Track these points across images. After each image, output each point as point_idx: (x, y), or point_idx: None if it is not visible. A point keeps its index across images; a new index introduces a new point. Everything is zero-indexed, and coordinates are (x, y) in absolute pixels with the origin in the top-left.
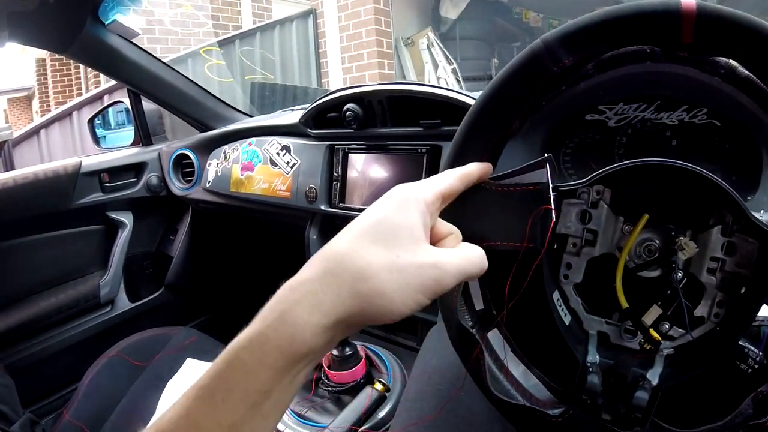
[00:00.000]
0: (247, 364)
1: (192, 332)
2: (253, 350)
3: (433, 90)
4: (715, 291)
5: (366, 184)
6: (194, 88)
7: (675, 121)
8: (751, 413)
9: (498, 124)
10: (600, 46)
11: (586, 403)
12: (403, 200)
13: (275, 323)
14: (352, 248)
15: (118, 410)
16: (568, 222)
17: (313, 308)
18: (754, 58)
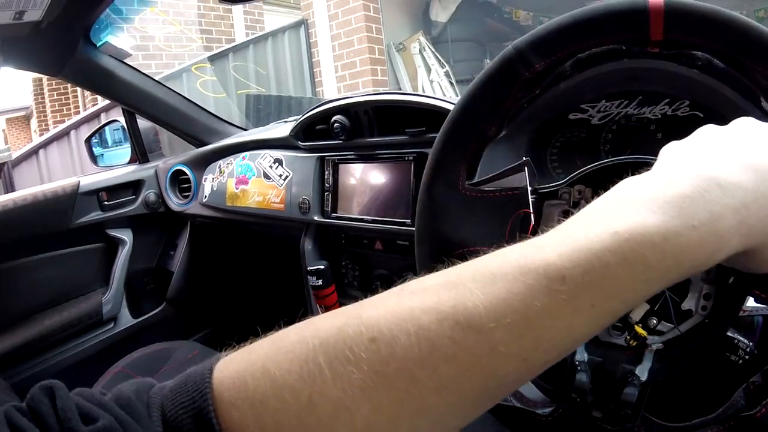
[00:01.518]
0: (650, 266)
1: (195, 346)
2: (660, 250)
3: (417, 98)
4: (701, 284)
5: (357, 194)
6: (188, 105)
7: (658, 115)
8: (743, 404)
9: (474, 132)
10: (571, 48)
11: (576, 401)
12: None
13: (704, 227)
14: None
15: None
16: (551, 222)
17: (741, 227)
18: (724, 50)
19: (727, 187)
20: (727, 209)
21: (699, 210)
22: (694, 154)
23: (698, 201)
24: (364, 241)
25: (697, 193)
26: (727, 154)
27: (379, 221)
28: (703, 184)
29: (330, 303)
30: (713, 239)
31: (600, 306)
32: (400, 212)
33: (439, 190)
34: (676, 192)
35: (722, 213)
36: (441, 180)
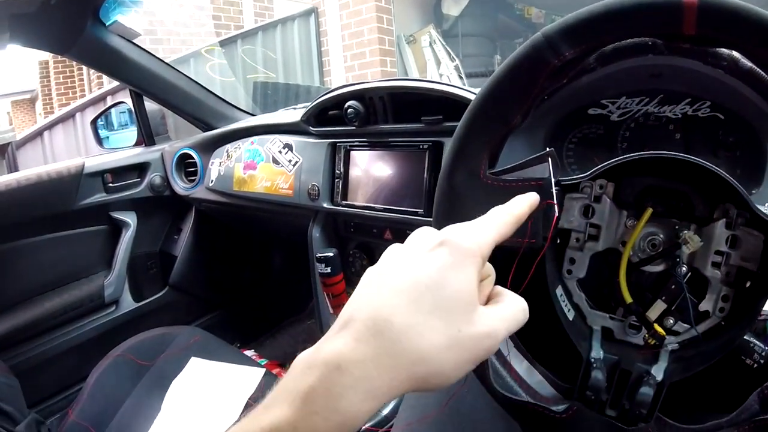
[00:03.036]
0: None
1: (196, 331)
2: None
3: (435, 86)
4: (719, 285)
5: (368, 182)
6: (196, 88)
7: (678, 115)
8: (757, 409)
9: (499, 119)
10: (602, 38)
11: (591, 399)
12: (462, 255)
13: (325, 411)
14: (409, 323)
15: (123, 410)
16: (571, 217)
17: (368, 395)
18: (757, 49)
19: (345, 368)
20: (345, 389)
21: (319, 398)
22: (349, 310)
23: (319, 389)
24: (373, 230)
25: (318, 382)
26: (360, 318)
27: (389, 210)
28: (326, 372)
29: (338, 291)
30: (338, 417)
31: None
32: (412, 202)
33: (460, 177)
34: (305, 385)
35: (341, 393)
36: (462, 167)
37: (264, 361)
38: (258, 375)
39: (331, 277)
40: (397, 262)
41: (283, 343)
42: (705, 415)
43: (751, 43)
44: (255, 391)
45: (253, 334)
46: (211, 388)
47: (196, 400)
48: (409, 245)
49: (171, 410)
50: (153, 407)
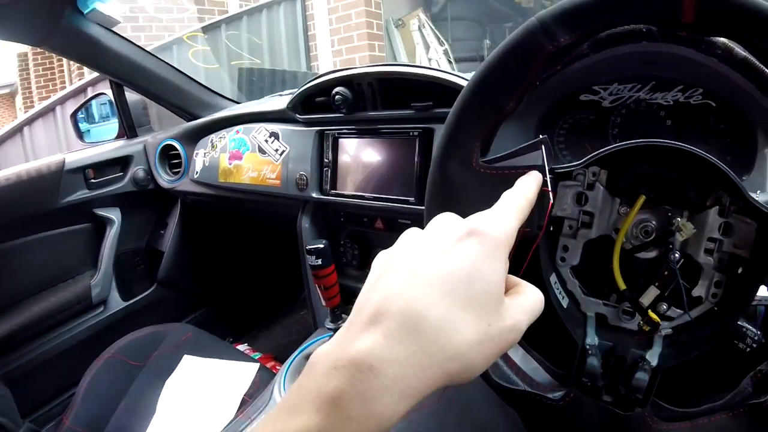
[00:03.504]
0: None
1: (188, 328)
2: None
3: (424, 71)
4: (712, 271)
5: (358, 170)
6: (179, 76)
7: (670, 102)
8: (750, 392)
9: (492, 105)
10: (598, 24)
11: (587, 385)
12: (493, 246)
13: (360, 416)
14: (445, 318)
15: (119, 412)
16: (564, 204)
17: (403, 395)
18: (754, 39)
19: (378, 368)
20: (380, 391)
21: (352, 402)
22: (375, 302)
23: (351, 393)
24: (364, 219)
25: (349, 385)
26: (394, 314)
27: (379, 199)
28: (357, 373)
29: (330, 283)
30: (373, 421)
31: None
32: (403, 190)
33: (452, 165)
34: (333, 387)
35: (376, 395)
36: (455, 155)
37: (258, 355)
38: (252, 370)
39: (322, 269)
40: (423, 251)
41: (277, 335)
42: (700, 399)
43: (748, 33)
44: (250, 386)
45: (245, 327)
46: (205, 386)
47: (192, 399)
48: (433, 232)
49: (166, 410)
50: (148, 408)
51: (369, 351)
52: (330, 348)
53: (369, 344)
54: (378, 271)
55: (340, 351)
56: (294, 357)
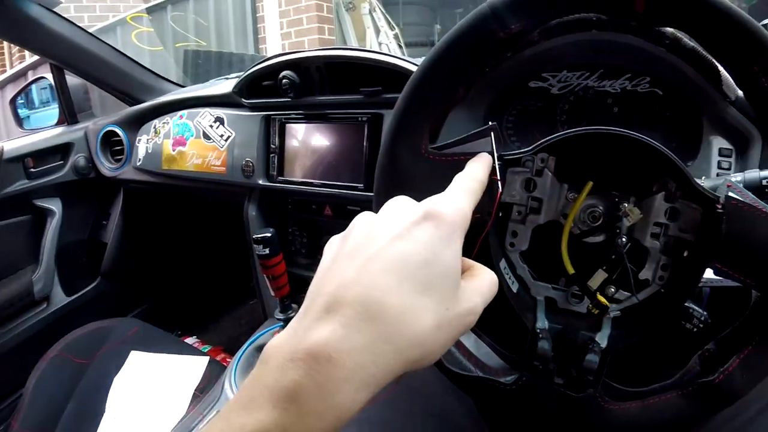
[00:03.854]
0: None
1: (134, 322)
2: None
3: (374, 56)
4: (659, 255)
5: (306, 156)
6: (121, 59)
7: (617, 89)
8: (698, 370)
9: (442, 91)
10: (549, 12)
11: (538, 368)
12: (450, 229)
13: (319, 410)
14: (404, 305)
15: (68, 412)
16: (513, 190)
17: (362, 385)
18: (704, 30)
19: (337, 359)
20: (340, 383)
21: (310, 396)
22: (329, 290)
23: (309, 386)
24: (312, 206)
25: (307, 378)
26: (353, 301)
27: (328, 185)
28: (315, 365)
29: (278, 273)
30: (333, 414)
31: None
32: (352, 176)
33: (400, 152)
34: (289, 381)
35: (335, 387)
36: (403, 142)
37: (207, 347)
38: (202, 364)
39: (269, 259)
40: (378, 235)
41: (226, 326)
42: (650, 379)
43: (699, 24)
44: (200, 381)
45: (194, 319)
46: (155, 382)
47: (142, 396)
48: (388, 216)
49: (116, 409)
50: (97, 408)
51: (327, 341)
52: (284, 339)
53: (326, 334)
54: (330, 257)
55: (295, 342)
56: (244, 349)
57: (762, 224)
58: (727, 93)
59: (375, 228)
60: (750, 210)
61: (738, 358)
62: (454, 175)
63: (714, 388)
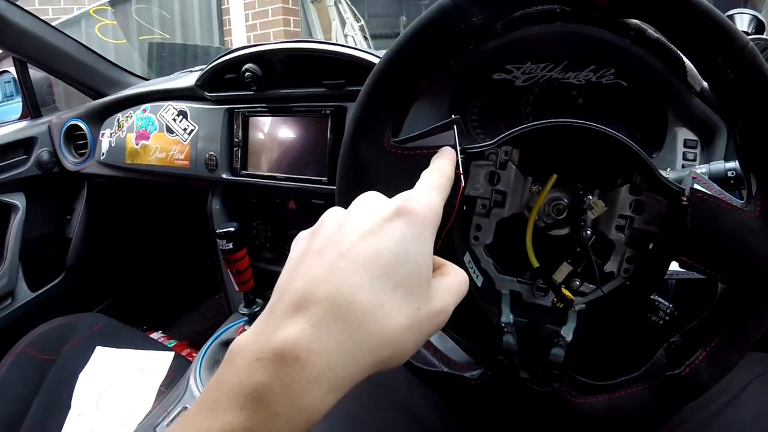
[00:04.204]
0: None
1: (99, 318)
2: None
3: (337, 48)
4: (624, 247)
5: (269, 150)
6: (85, 52)
7: (582, 81)
8: (665, 363)
9: (404, 84)
10: (511, 4)
11: (504, 363)
12: (421, 225)
13: (288, 412)
14: (375, 304)
15: (33, 410)
16: (477, 184)
17: (332, 386)
18: (669, 21)
19: (306, 359)
20: (309, 384)
21: (278, 397)
22: (298, 287)
23: (277, 387)
24: (276, 200)
25: (274, 379)
26: (326, 295)
27: (292, 179)
28: (282, 366)
29: (242, 267)
30: (302, 416)
31: None
32: (316, 170)
33: (363, 146)
34: (256, 382)
35: (304, 389)
36: (366, 136)
37: (172, 342)
38: (167, 359)
39: (233, 253)
40: (349, 231)
41: (192, 321)
42: (617, 372)
43: (664, 16)
44: (166, 376)
45: (159, 314)
46: (120, 378)
47: (107, 392)
48: (358, 211)
49: (82, 406)
50: (63, 404)
51: (295, 341)
52: (250, 338)
53: (295, 333)
54: (299, 253)
55: (262, 341)
56: (209, 344)
57: (727, 216)
58: (692, 84)
59: (345, 223)
60: (715, 202)
61: (704, 350)
62: (417, 168)
63: (681, 380)
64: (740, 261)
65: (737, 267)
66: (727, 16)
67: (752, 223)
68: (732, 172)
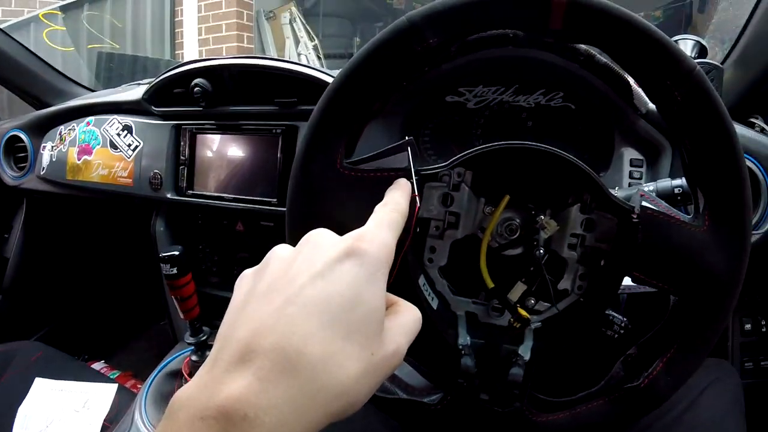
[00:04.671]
0: None
1: (38, 346)
2: None
3: (290, 66)
4: (576, 265)
5: (217, 169)
6: (30, 58)
7: (531, 104)
8: (622, 375)
9: (358, 104)
10: (467, 27)
11: (463, 385)
12: (374, 267)
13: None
14: (326, 354)
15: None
16: (430, 205)
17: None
18: (619, 46)
19: (254, 417)
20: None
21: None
22: (243, 336)
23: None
24: (223, 221)
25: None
26: (273, 349)
27: (240, 200)
28: (228, 426)
29: (187, 294)
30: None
31: None
32: (265, 190)
33: (315, 168)
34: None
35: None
36: (318, 156)
37: (116, 373)
38: (111, 392)
39: (177, 279)
40: (296, 273)
41: (136, 349)
42: (577, 388)
43: (615, 41)
44: (110, 410)
45: (102, 343)
46: (62, 412)
47: (48, 428)
48: (307, 251)
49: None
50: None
51: (240, 397)
52: (193, 392)
53: (240, 389)
54: (243, 296)
55: (206, 397)
56: (154, 376)
57: (677, 232)
58: (638, 106)
59: (294, 264)
60: (665, 218)
61: (661, 361)
62: (370, 190)
63: (640, 392)
64: (691, 274)
65: (689, 280)
66: (674, 41)
67: (701, 237)
68: (679, 189)
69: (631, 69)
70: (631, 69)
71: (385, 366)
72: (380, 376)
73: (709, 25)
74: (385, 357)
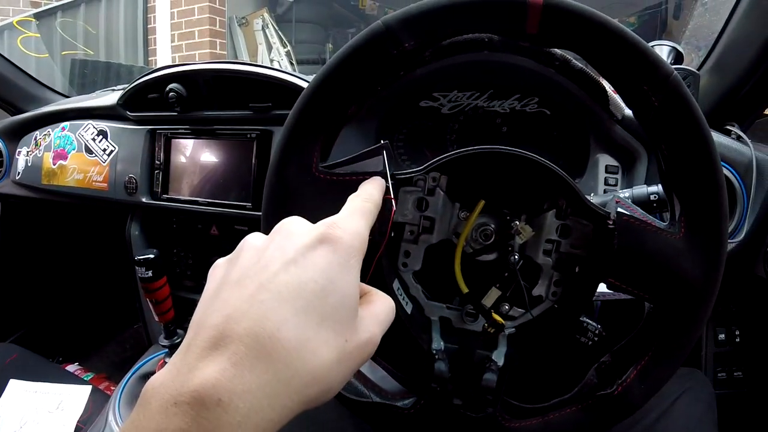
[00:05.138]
0: None
1: (12, 348)
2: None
3: (264, 71)
4: (551, 271)
5: (192, 173)
6: (5, 65)
7: (506, 109)
8: (596, 382)
9: (333, 108)
10: (443, 31)
11: (436, 390)
12: (347, 254)
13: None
14: (299, 338)
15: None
16: (405, 210)
17: (257, 430)
18: (596, 52)
19: (228, 402)
20: (231, 428)
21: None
22: (216, 322)
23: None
24: (198, 225)
25: (193, 425)
26: (249, 332)
27: (215, 204)
28: (202, 410)
29: (161, 297)
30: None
31: None
32: (240, 195)
33: (290, 171)
34: (174, 428)
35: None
36: (293, 161)
37: (90, 375)
38: (84, 393)
39: (152, 282)
40: (269, 260)
41: (110, 352)
42: (550, 394)
43: (592, 46)
44: (83, 412)
45: (76, 345)
46: (36, 414)
47: (22, 429)
48: (280, 239)
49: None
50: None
51: (215, 382)
52: (166, 378)
53: (214, 374)
54: (216, 284)
55: (179, 383)
56: (128, 378)
57: (653, 238)
58: (613, 112)
59: (267, 252)
60: (641, 225)
61: (635, 369)
62: (346, 194)
63: (613, 399)
64: (667, 281)
65: (664, 287)
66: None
67: (677, 244)
68: (655, 196)
69: (607, 74)
70: (608, 74)
71: (358, 354)
72: (354, 364)
73: (685, 31)
74: (359, 345)
